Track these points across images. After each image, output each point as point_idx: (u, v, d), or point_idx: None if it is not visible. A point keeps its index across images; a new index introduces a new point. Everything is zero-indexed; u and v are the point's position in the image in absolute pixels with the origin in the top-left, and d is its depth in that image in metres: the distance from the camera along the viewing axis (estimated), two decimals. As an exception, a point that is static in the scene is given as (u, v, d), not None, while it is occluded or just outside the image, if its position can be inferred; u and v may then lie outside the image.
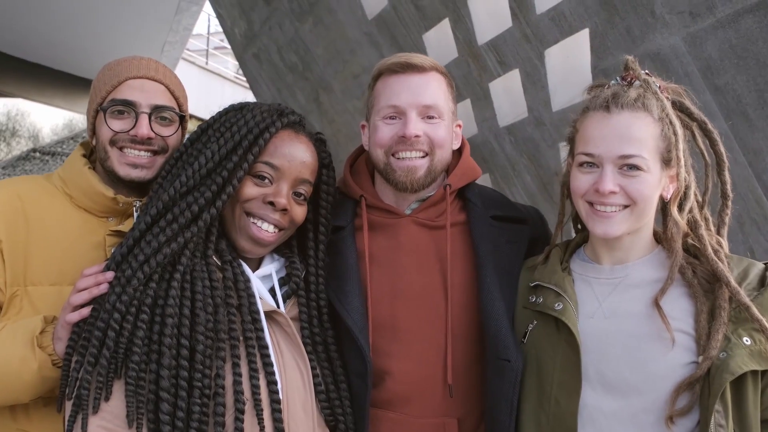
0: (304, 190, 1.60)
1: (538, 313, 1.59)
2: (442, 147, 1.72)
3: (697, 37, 3.08)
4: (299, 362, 1.51)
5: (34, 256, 1.61)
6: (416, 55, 1.75)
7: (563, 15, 3.63)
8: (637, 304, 1.52)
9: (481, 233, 1.71)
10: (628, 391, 1.45)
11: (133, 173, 1.68)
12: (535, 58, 3.96)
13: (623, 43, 3.42)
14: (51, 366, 1.47)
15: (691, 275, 1.49)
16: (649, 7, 3.18)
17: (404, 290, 1.69)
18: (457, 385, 1.62)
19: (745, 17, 2.85)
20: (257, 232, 1.52)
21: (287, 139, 1.56)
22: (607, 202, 1.49)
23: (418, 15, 4.64)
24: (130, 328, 1.33)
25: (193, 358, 1.34)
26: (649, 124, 1.49)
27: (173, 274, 1.41)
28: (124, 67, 1.72)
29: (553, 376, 1.52)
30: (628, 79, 1.57)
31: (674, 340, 1.41)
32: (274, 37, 6.62)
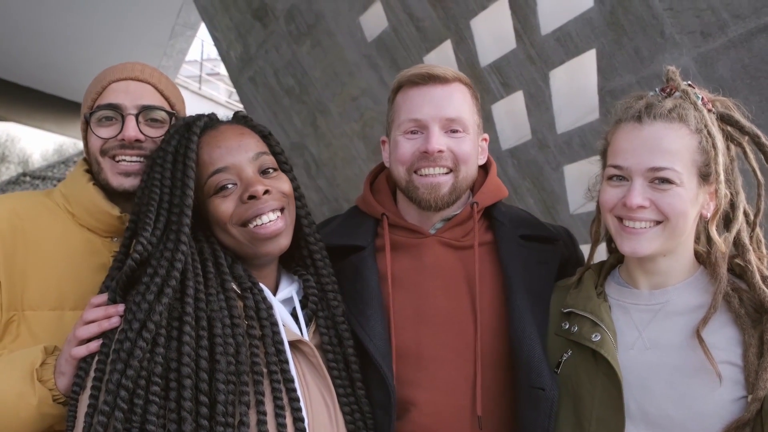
0: (267, 164, 1.46)
1: (573, 343, 1.49)
2: (467, 162, 1.62)
3: (709, 57, 3.03)
4: (325, 395, 1.40)
5: (32, 279, 1.50)
6: (438, 66, 1.66)
7: (569, 36, 3.59)
8: (680, 334, 1.41)
9: (510, 253, 1.62)
10: (674, 429, 1.35)
11: (126, 182, 1.56)
12: (539, 79, 3.91)
13: (631, 64, 3.37)
14: (52, 402, 1.35)
15: (738, 304, 1.38)
16: (659, 28, 3.14)
17: (430, 315, 1.58)
18: (486, 417, 1.51)
19: (758, 36, 2.81)
20: (264, 230, 1.40)
21: (212, 141, 1.44)
22: (636, 217, 1.40)
23: (419, 36, 4.59)
24: (142, 404, 1.20)
25: (214, 409, 1.22)
26: (684, 136, 1.40)
27: (182, 327, 1.27)
28: (107, 72, 1.63)
29: (591, 412, 1.41)
30: (667, 90, 1.48)
31: (720, 376, 1.32)
32: (270, 60, 6.57)
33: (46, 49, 10.73)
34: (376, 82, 5.33)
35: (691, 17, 2.99)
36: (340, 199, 6.75)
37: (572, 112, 4.00)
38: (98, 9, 9.14)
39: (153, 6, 9.41)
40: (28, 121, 14.42)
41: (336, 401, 1.42)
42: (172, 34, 10.60)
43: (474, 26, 4.14)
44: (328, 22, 5.43)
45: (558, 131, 4.00)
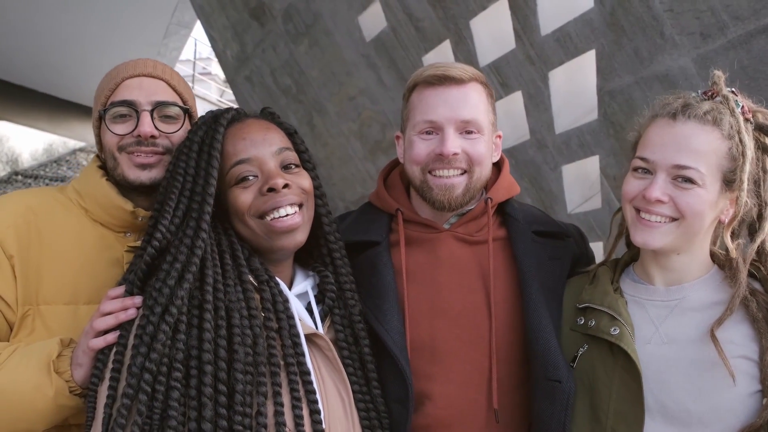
0: (290, 159, 1.47)
1: (590, 337, 1.51)
2: (482, 164, 1.64)
3: (708, 58, 3.06)
4: (341, 389, 1.41)
5: (47, 274, 1.51)
6: (454, 65, 1.66)
7: (569, 36, 3.61)
8: (697, 330, 1.43)
9: (525, 249, 1.63)
10: (692, 423, 1.37)
11: (142, 175, 1.57)
12: (538, 79, 3.94)
13: (631, 65, 3.40)
14: (68, 394, 1.35)
15: (756, 308, 1.40)
16: (658, 29, 3.17)
17: (444, 309, 1.59)
18: (501, 410, 1.53)
19: (757, 38, 2.84)
20: (281, 224, 1.41)
21: (237, 133, 1.47)
22: (653, 210, 1.42)
23: (418, 37, 4.61)
24: (163, 390, 1.21)
25: (233, 399, 1.23)
26: (714, 140, 1.42)
27: (203, 315, 1.29)
28: (120, 69, 1.63)
29: (609, 405, 1.43)
30: (709, 93, 1.50)
31: (733, 376, 1.34)
32: (267, 60, 6.57)
33: (40, 48, 10.68)
34: (374, 81, 5.35)
35: (691, 18, 3.03)
36: (335, 199, 6.75)
37: (571, 113, 4.03)
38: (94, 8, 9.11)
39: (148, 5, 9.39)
40: (21, 120, 14.34)
41: (351, 395, 1.43)
42: (167, 33, 10.58)
43: (473, 26, 4.16)
44: (326, 22, 5.44)
45: (556, 131, 4.03)
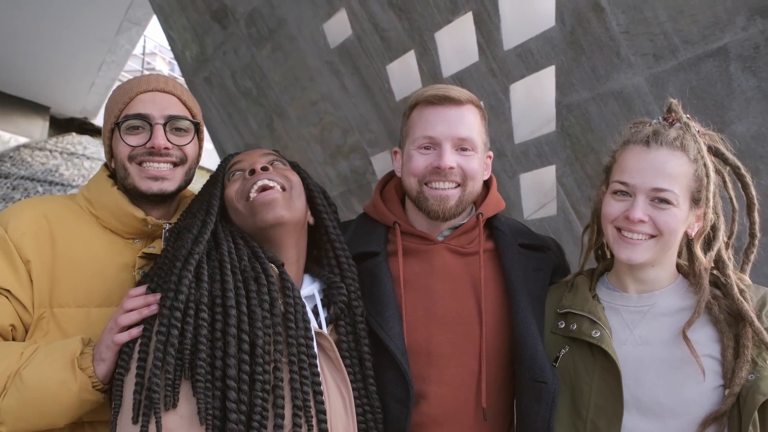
0: (279, 164, 1.69)
1: (571, 339, 1.66)
2: (474, 179, 1.77)
3: (660, 78, 3.28)
4: (342, 388, 1.51)
5: (60, 278, 1.57)
6: (453, 88, 1.79)
7: (530, 52, 3.80)
8: (667, 332, 1.59)
9: (512, 260, 1.77)
10: (664, 414, 1.53)
11: (154, 186, 1.66)
12: (500, 92, 4.11)
13: (588, 81, 3.60)
14: (91, 389, 1.43)
15: (718, 310, 1.59)
16: (615, 49, 3.38)
17: (439, 315, 1.71)
18: (489, 409, 1.66)
19: (706, 61, 3.07)
20: (261, 198, 1.55)
21: (246, 152, 1.73)
22: (635, 229, 1.58)
23: (383, 46, 4.73)
24: (191, 328, 1.33)
25: (254, 352, 1.35)
26: (684, 164, 1.58)
27: (224, 271, 1.43)
28: (133, 83, 1.72)
29: (589, 401, 1.58)
30: (669, 120, 1.67)
31: (704, 371, 1.51)
32: (228, 62, 6.60)
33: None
34: (337, 87, 5.45)
35: (645, 40, 3.24)
36: (295, 201, 6.81)
37: (529, 124, 4.21)
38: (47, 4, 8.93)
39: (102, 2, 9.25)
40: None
41: (351, 393, 1.53)
42: (119, 30, 10.41)
43: (438, 38, 4.31)
44: (290, 28, 5.51)
45: (516, 141, 4.21)
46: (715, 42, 3.00)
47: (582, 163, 3.91)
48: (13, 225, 1.58)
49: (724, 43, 2.97)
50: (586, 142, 3.80)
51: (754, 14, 2.83)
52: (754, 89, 2.96)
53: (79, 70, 11.97)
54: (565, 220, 4.24)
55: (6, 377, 1.42)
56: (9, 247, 1.55)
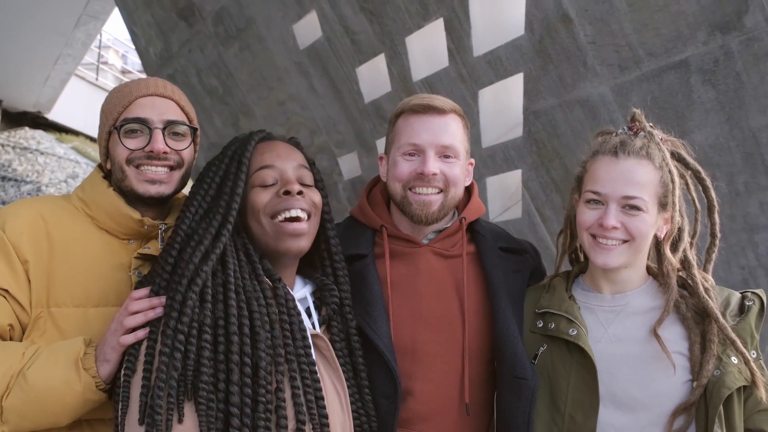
0: (306, 178, 1.66)
1: (549, 338, 1.74)
2: (456, 185, 1.82)
3: (624, 87, 3.42)
4: (337, 385, 1.56)
5: (57, 278, 1.58)
6: (437, 98, 1.87)
7: (499, 59, 3.90)
8: (639, 330, 1.68)
9: (493, 263, 1.85)
10: (636, 407, 1.63)
11: (151, 189, 1.68)
12: (468, 97, 4.20)
13: (555, 89, 3.72)
14: (94, 389, 1.45)
15: (685, 309, 1.69)
16: (582, 59, 3.50)
17: (424, 315, 1.77)
18: (471, 404, 1.74)
19: (668, 73, 3.21)
20: (290, 227, 1.56)
21: (267, 147, 1.64)
22: (609, 236, 1.67)
23: (353, 48, 4.79)
24: (194, 349, 1.36)
25: (257, 374, 1.37)
26: (650, 171, 1.68)
27: (227, 293, 1.44)
28: (132, 87, 1.74)
29: (567, 395, 1.66)
30: (634, 129, 1.76)
31: (674, 364, 1.61)
32: (193, 60, 6.56)
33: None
34: (306, 88, 5.48)
35: (611, 52, 3.37)
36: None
37: (497, 129, 4.32)
38: (6, -2, 8.73)
39: (62, -5, 9.09)
40: None
41: (347, 391, 1.58)
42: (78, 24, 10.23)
43: (409, 43, 4.38)
44: (259, 28, 5.52)
45: (483, 146, 4.31)
46: (677, 55, 3.14)
47: (547, 167, 4.03)
48: (11, 225, 1.59)
49: (685, 56, 3.11)
50: (551, 147, 3.92)
51: (715, 30, 2.97)
52: (712, 101, 3.11)
53: (34, 63, 11.72)
54: (530, 223, 4.36)
55: (9, 377, 1.43)
56: (7, 247, 1.56)
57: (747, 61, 2.94)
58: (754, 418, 1.62)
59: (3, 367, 1.44)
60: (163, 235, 1.70)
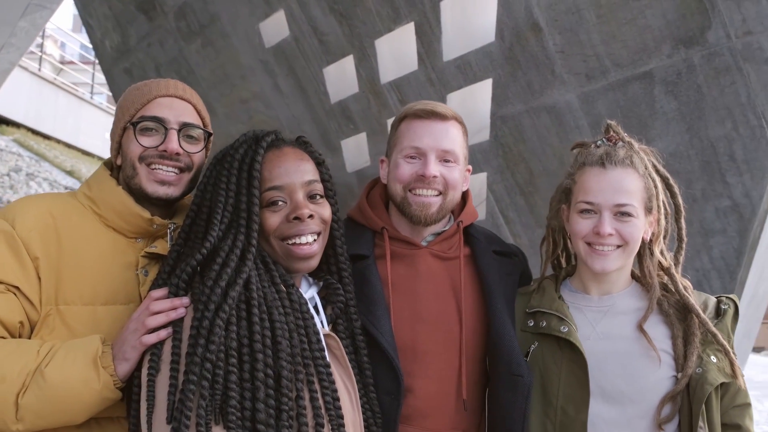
0: (316, 190, 1.65)
1: (540, 336, 1.83)
2: (455, 188, 1.89)
3: (590, 96, 3.55)
4: (347, 384, 1.59)
5: (66, 275, 1.57)
6: (439, 104, 1.94)
7: (469, 64, 3.99)
8: (626, 329, 1.78)
9: (488, 265, 1.93)
10: (624, 401, 1.73)
11: (160, 190, 1.68)
12: (437, 100, 4.27)
13: (523, 95, 3.83)
14: (112, 387, 1.45)
15: (667, 306, 1.81)
16: (550, 67, 3.62)
17: (423, 315, 1.83)
18: (468, 400, 1.81)
19: (633, 83, 3.36)
20: (300, 250, 1.59)
21: (275, 159, 1.62)
22: (605, 243, 1.77)
23: (321, 49, 4.81)
24: (222, 374, 1.35)
25: (279, 384, 1.40)
26: (636, 179, 1.79)
27: (251, 309, 1.45)
28: (152, 86, 1.75)
29: (558, 390, 1.75)
30: (613, 140, 1.86)
31: (660, 358, 1.71)
32: (152, 54, 6.46)
33: None
34: (270, 87, 5.47)
35: (579, 61, 3.50)
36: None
37: (464, 132, 4.41)
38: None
39: (9, -18, 8.76)
40: None
41: (356, 389, 1.62)
42: (25, 13, 9.89)
43: (378, 46, 4.43)
44: (223, 24, 5.48)
45: (450, 148, 4.39)
46: (642, 66, 3.29)
47: (512, 171, 4.14)
48: (21, 222, 1.57)
49: (650, 68, 3.26)
50: (517, 152, 4.04)
51: (679, 44, 3.13)
52: (674, 111, 3.27)
53: (-24, 51, 11.25)
54: (494, 224, 4.47)
55: (25, 375, 1.43)
56: (17, 243, 1.55)
57: (708, 75, 3.10)
58: (729, 413, 1.75)
59: (19, 365, 1.43)
60: (171, 234, 1.71)
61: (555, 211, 1.96)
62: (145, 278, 1.65)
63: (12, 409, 1.42)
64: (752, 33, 2.92)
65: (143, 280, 1.64)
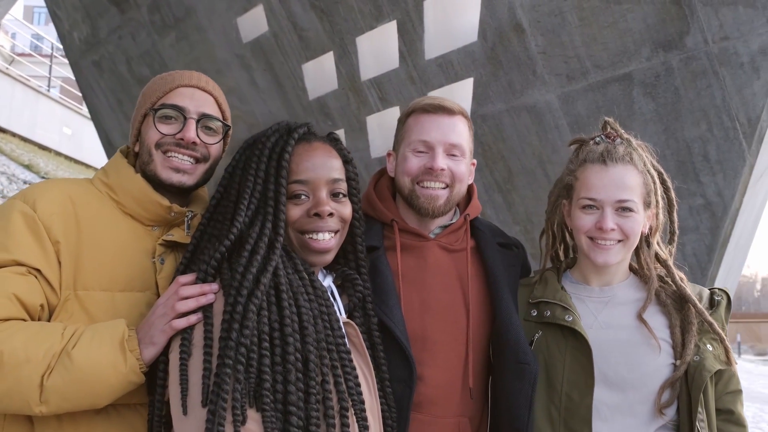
0: (340, 189, 1.67)
1: (544, 325, 1.89)
2: (461, 181, 1.94)
3: (570, 96, 3.65)
4: (365, 371, 1.62)
5: (85, 261, 1.57)
6: (447, 100, 1.98)
7: (451, 63, 4.06)
8: (626, 318, 1.85)
9: (493, 257, 1.99)
10: (626, 387, 1.80)
11: (174, 177, 1.70)
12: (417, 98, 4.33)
13: (504, 95, 3.91)
14: (138, 371, 1.46)
15: (664, 296, 1.89)
16: (532, 67, 3.71)
17: (432, 306, 1.87)
18: (474, 388, 1.86)
19: (612, 84, 3.47)
20: (317, 245, 1.61)
21: (304, 153, 1.64)
22: (607, 237, 1.84)
23: (300, 45, 4.82)
24: (256, 357, 1.38)
25: (307, 368, 1.42)
26: (636, 175, 1.87)
27: (280, 295, 1.48)
28: (176, 76, 1.77)
29: (563, 376, 1.82)
30: (611, 136, 1.93)
31: (660, 347, 1.79)
32: (123, 47, 6.37)
33: None
34: (246, 82, 5.45)
35: (560, 62, 3.59)
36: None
37: (442, 130, 4.47)
38: None
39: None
40: None
41: (374, 376, 1.66)
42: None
43: (359, 43, 4.46)
44: (199, 18, 5.44)
45: (429, 145, 4.45)
46: (622, 68, 3.40)
47: (491, 169, 4.22)
48: (42, 205, 1.57)
49: (629, 70, 3.37)
50: (497, 150, 4.12)
51: (658, 47, 3.24)
52: (652, 112, 3.38)
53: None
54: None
55: (51, 356, 1.42)
56: (38, 227, 1.54)
57: (685, 78, 3.22)
58: (723, 399, 1.84)
59: (43, 347, 1.43)
60: (189, 222, 1.72)
61: (554, 205, 2.02)
62: (161, 266, 1.66)
63: (36, 391, 1.42)
64: (729, 38, 3.05)
65: (159, 268, 1.66)
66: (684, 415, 1.76)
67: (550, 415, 1.81)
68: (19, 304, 1.48)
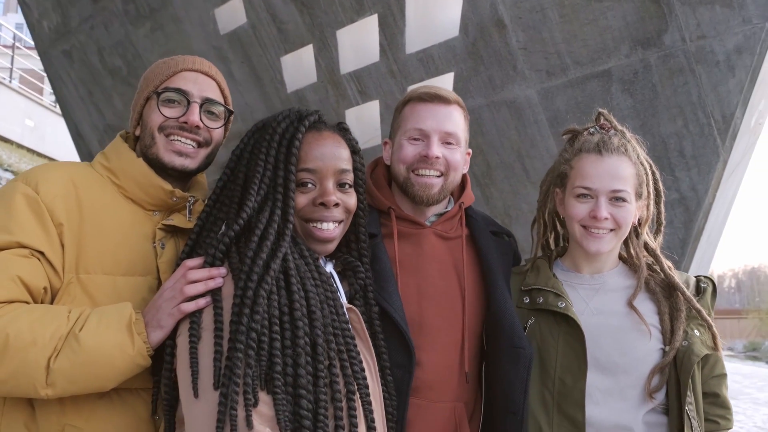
0: (347, 179, 1.68)
1: (536, 311, 1.94)
2: (456, 170, 1.98)
3: (550, 92, 3.71)
4: (367, 356, 1.63)
5: (87, 244, 1.56)
6: (443, 89, 2.01)
7: (432, 58, 4.09)
8: (617, 305, 1.91)
9: (487, 244, 2.02)
10: (617, 372, 1.85)
11: (176, 161, 1.70)
12: (397, 92, 4.36)
13: (484, 89, 3.96)
14: (145, 353, 1.46)
15: (653, 284, 1.95)
16: (512, 62, 3.76)
17: (429, 292, 1.91)
18: (469, 372, 1.90)
19: (591, 81, 3.54)
20: (321, 234, 1.62)
21: (313, 141, 1.64)
22: (600, 226, 1.88)
23: (279, 37, 4.80)
24: (267, 341, 1.39)
25: (315, 351, 1.44)
26: (630, 166, 1.92)
27: (289, 280, 1.49)
28: (179, 60, 1.78)
29: (556, 361, 1.87)
30: (606, 128, 1.98)
31: (650, 332, 1.85)
32: (95, 37, 6.26)
33: None
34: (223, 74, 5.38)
35: (540, 58, 3.65)
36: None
37: (422, 124, 4.50)
38: None
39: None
40: None
41: (375, 361, 1.68)
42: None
43: (339, 36, 4.47)
44: (176, 9, 5.38)
45: (408, 139, 4.48)
46: (601, 65, 3.47)
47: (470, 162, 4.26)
48: (45, 188, 1.56)
49: (608, 66, 3.44)
50: (476, 144, 4.16)
51: (637, 45, 3.32)
52: (629, 108, 3.46)
53: None
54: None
55: (57, 339, 1.42)
56: (41, 209, 1.53)
57: (663, 75, 3.30)
58: (709, 382, 1.91)
59: (50, 329, 1.43)
60: (191, 207, 1.72)
61: (546, 194, 2.07)
62: (162, 251, 1.66)
63: (43, 374, 1.41)
64: (705, 37, 3.13)
65: (160, 253, 1.66)
66: (673, 399, 1.82)
67: (544, 399, 1.86)
68: (22, 286, 1.47)
